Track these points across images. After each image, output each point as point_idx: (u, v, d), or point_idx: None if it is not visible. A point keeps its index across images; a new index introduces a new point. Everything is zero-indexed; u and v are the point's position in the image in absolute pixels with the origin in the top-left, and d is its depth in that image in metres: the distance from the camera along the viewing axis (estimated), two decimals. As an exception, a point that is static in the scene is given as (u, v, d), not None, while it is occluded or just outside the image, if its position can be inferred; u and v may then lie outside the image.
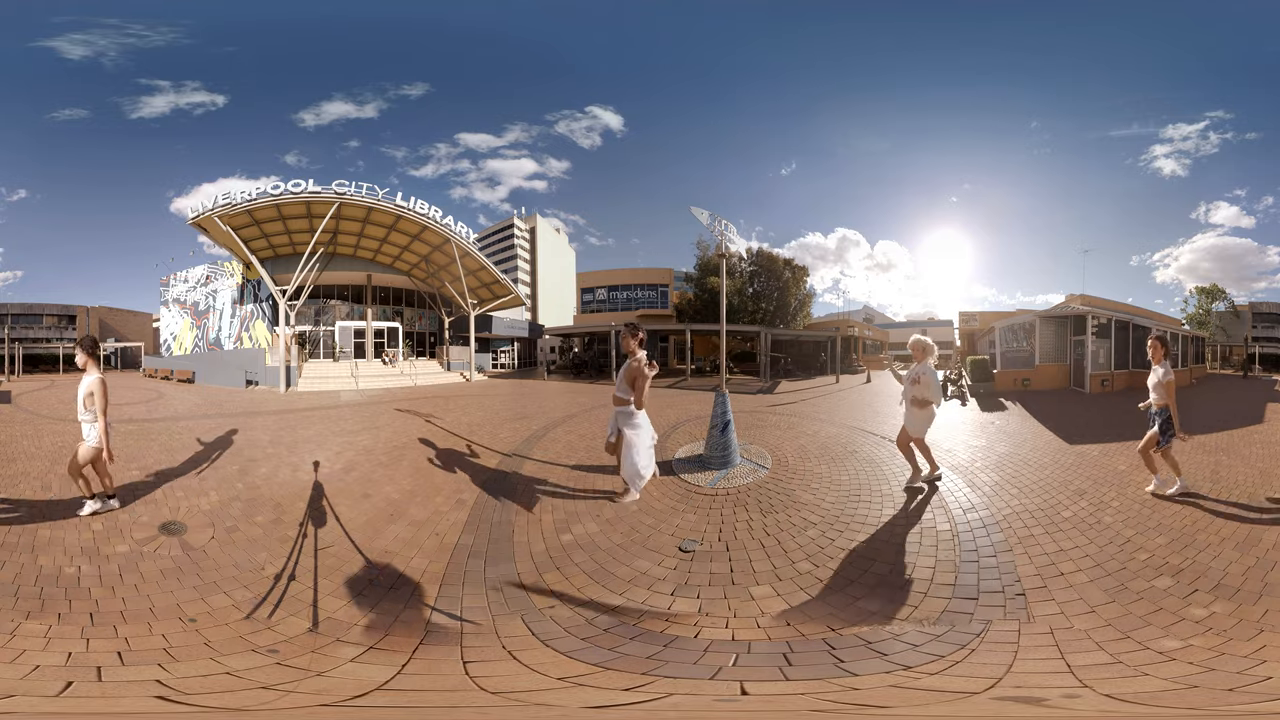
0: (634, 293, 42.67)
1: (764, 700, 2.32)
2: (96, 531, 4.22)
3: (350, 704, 2.26)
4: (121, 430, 9.04)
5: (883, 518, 4.53)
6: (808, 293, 39.34)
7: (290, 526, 4.51)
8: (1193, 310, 44.87)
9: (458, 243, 23.58)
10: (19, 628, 2.82)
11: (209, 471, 6.24)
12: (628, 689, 2.35)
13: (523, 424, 9.97)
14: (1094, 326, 17.32)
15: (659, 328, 33.04)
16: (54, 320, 43.57)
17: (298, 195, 20.26)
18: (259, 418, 11.11)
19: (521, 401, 14.47)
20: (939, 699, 2.28)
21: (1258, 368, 36.46)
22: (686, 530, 4.35)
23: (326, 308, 28.36)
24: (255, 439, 8.39)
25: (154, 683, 2.37)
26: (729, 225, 6.76)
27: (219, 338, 28.35)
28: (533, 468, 6.47)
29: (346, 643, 2.83)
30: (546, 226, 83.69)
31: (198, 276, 30.04)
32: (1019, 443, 7.90)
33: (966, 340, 29.11)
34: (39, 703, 2.21)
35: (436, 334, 32.06)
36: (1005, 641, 2.73)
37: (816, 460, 6.58)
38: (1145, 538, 3.99)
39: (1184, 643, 2.65)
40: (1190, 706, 2.17)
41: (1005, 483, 5.60)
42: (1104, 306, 25.87)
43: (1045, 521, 4.40)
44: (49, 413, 11.48)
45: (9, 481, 5.57)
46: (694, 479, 5.75)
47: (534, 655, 2.70)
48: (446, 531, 4.41)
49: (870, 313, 66.44)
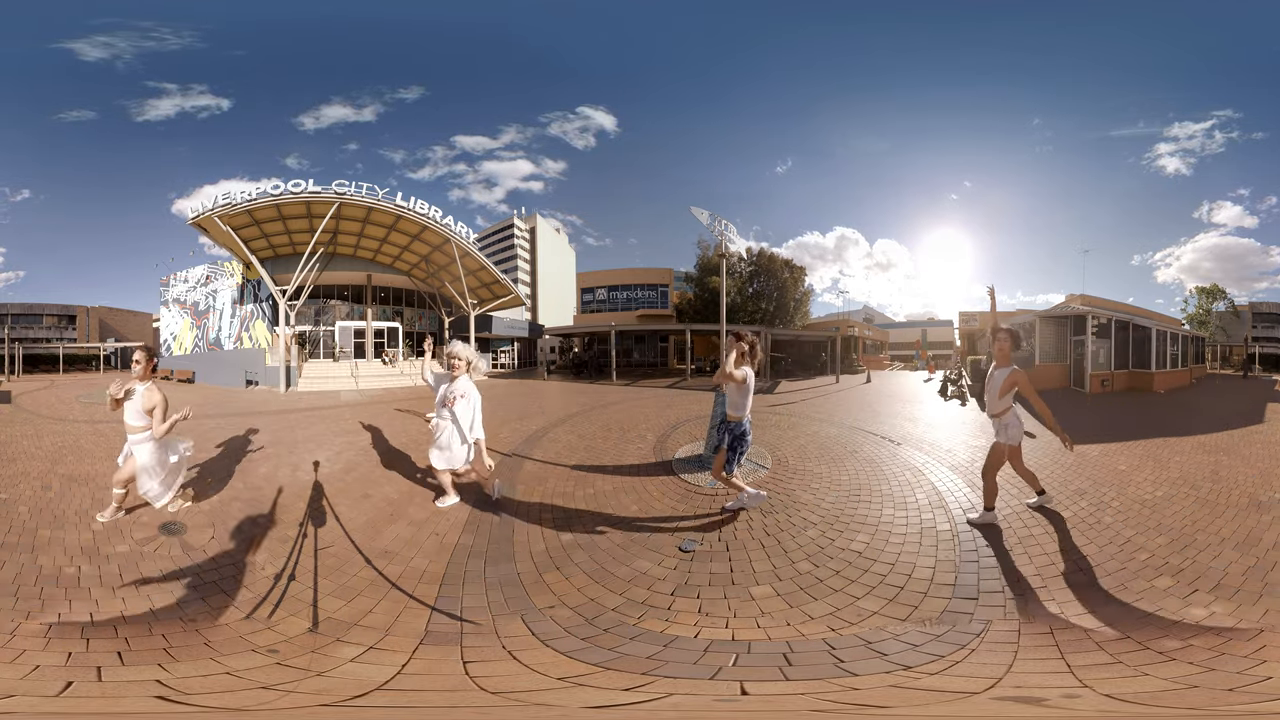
0: (634, 293, 42.67)
1: (764, 700, 2.32)
2: (96, 531, 4.22)
3: (350, 704, 2.26)
4: (122, 430, 9.03)
5: (882, 518, 4.53)
6: (806, 291, 39.40)
7: (290, 526, 4.51)
8: (1193, 310, 44.87)
9: (458, 242, 23.59)
10: (19, 628, 2.82)
11: (209, 472, 6.24)
12: (628, 689, 2.35)
13: (523, 424, 9.97)
14: (1094, 326, 17.32)
15: (659, 328, 33.07)
16: (54, 320, 43.58)
17: (298, 195, 20.27)
18: (259, 418, 11.11)
19: (521, 401, 14.47)
20: (939, 699, 2.28)
21: (1258, 368, 36.46)
22: (686, 530, 4.35)
23: (326, 308, 28.35)
24: (255, 439, 8.38)
25: (154, 683, 2.37)
26: (729, 225, 6.77)
27: (219, 338, 28.33)
28: (533, 468, 6.47)
29: (346, 643, 2.83)
30: (546, 226, 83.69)
31: (198, 276, 30.01)
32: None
33: (966, 340, 29.10)
34: (39, 703, 2.21)
35: (436, 334, 32.07)
36: (1005, 641, 2.73)
37: (816, 460, 6.58)
38: (1145, 538, 3.99)
39: (1184, 643, 2.65)
40: (1190, 706, 2.17)
41: (1005, 483, 5.60)
42: (1104, 306, 25.88)
43: (1045, 521, 4.40)
44: (49, 413, 11.47)
45: (9, 481, 5.56)
46: (694, 479, 5.75)
47: (534, 655, 2.70)
48: (446, 531, 4.40)
49: (870, 313, 66.44)
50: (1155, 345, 18.05)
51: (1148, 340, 18.06)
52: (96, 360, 37.24)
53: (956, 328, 35.00)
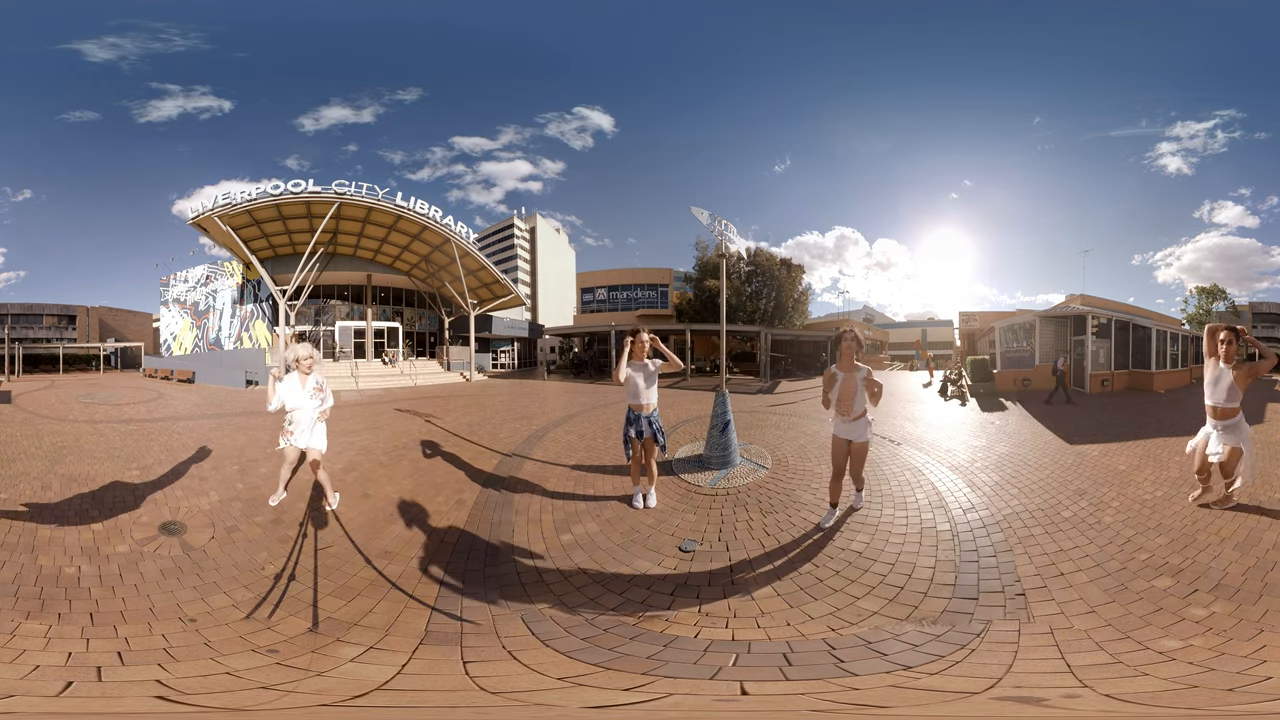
0: (634, 293, 42.70)
1: (764, 700, 2.32)
2: (96, 531, 4.22)
3: (350, 704, 2.26)
4: (121, 430, 9.05)
5: (882, 517, 4.53)
6: (804, 290, 39.38)
7: (290, 526, 4.51)
8: (1193, 310, 44.83)
9: (457, 243, 23.59)
10: (19, 628, 2.82)
11: (209, 472, 6.24)
12: (628, 689, 2.35)
13: (523, 424, 9.97)
14: (1094, 326, 17.32)
15: (659, 328, 33.07)
16: (54, 320, 43.58)
17: (298, 195, 20.28)
18: (259, 417, 11.10)
19: (521, 401, 14.47)
20: (939, 699, 2.28)
21: (1258, 368, 36.38)
22: (686, 530, 4.35)
23: (326, 308, 28.36)
24: (256, 439, 8.38)
25: (154, 683, 2.37)
26: (729, 225, 6.76)
27: (219, 338, 28.35)
28: (533, 468, 6.47)
29: (346, 643, 2.83)
30: (546, 226, 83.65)
31: (198, 276, 30.03)
32: (1019, 443, 7.90)
33: (966, 340, 29.10)
34: (39, 703, 2.21)
35: (436, 334, 32.07)
36: (1005, 641, 2.73)
37: (816, 460, 6.58)
38: (1145, 538, 3.99)
39: (1184, 643, 2.65)
40: (1190, 706, 2.17)
41: (1005, 483, 5.60)
42: (1104, 306, 25.87)
43: (1045, 521, 4.40)
44: (49, 413, 11.47)
45: (9, 481, 5.57)
46: (694, 479, 5.75)
47: (534, 655, 2.70)
48: (447, 531, 4.40)
49: (870, 312, 66.36)
50: (1155, 345, 18.06)
51: (1148, 340, 18.06)
52: (96, 360, 37.23)
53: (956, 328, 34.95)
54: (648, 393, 4.92)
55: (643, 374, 4.91)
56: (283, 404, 4.81)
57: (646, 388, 4.91)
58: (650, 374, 4.93)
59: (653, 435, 4.93)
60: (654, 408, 4.98)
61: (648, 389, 4.92)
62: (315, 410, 4.91)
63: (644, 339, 4.91)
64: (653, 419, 4.95)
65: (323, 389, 4.99)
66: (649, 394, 4.92)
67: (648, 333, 4.96)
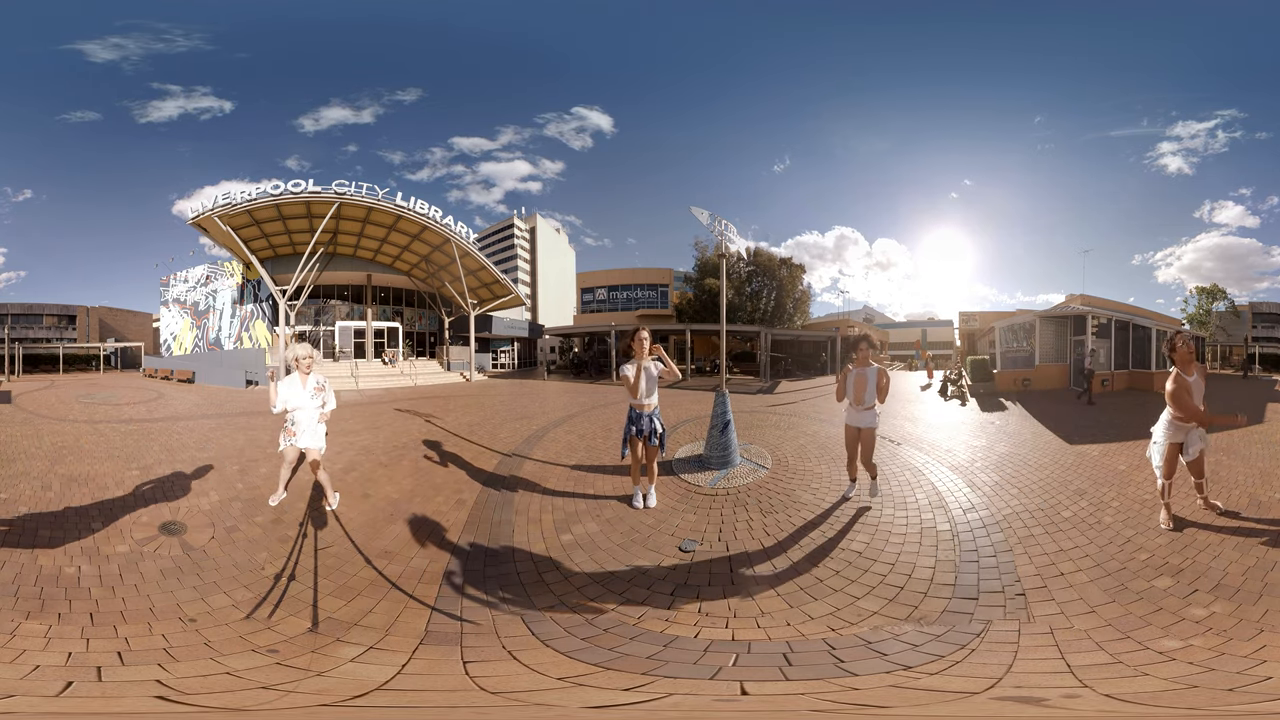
0: (634, 293, 42.70)
1: (764, 700, 2.32)
2: (96, 531, 4.22)
3: (350, 704, 2.26)
4: (122, 430, 9.05)
5: (882, 518, 4.53)
6: (805, 290, 39.38)
7: (290, 526, 4.51)
8: (1193, 310, 44.82)
9: (457, 243, 23.58)
10: (19, 628, 2.82)
11: (209, 471, 6.24)
12: (628, 689, 2.35)
13: (523, 424, 9.97)
14: (1094, 326, 17.32)
15: (659, 328, 33.04)
16: (54, 320, 43.53)
17: (298, 195, 20.27)
18: (259, 417, 11.10)
19: (521, 401, 14.47)
20: (939, 699, 2.28)
21: (1257, 368, 36.42)
22: (686, 530, 4.35)
23: (326, 308, 28.35)
24: (256, 439, 8.39)
25: (154, 683, 2.37)
26: (729, 225, 6.75)
27: (219, 338, 28.34)
28: (533, 468, 6.47)
29: (346, 643, 2.83)
30: (546, 226, 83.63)
31: (198, 276, 30.02)
32: (1019, 443, 7.90)
33: (966, 340, 29.09)
34: (39, 703, 2.21)
35: (436, 334, 32.06)
36: (1005, 641, 2.73)
37: (816, 460, 6.58)
38: (1145, 538, 3.99)
39: (1184, 643, 2.65)
40: (1190, 706, 2.17)
41: (1005, 483, 5.60)
42: (1104, 306, 25.85)
43: (1045, 521, 4.40)
44: (49, 413, 11.47)
45: (9, 481, 5.56)
46: (694, 479, 5.75)
47: (534, 655, 2.70)
48: (447, 531, 4.40)
49: (870, 312, 66.37)
50: (1155, 345, 18.05)
51: (1148, 340, 18.06)
52: (96, 360, 37.22)
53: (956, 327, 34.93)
54: (650, 392, 4.97)
55: (645, 374, 4.94)
56: (285, 404, 4.81)
57: (649, 387, 4.94)
58: (652, 376, 4.97)
59: (654, 434, 4.94)
60: (655, 406, 5.01)
61: (650, 389, 4.95)
62: (316, 410, 4.90)
63: (643, 336, 4.94)
64: (654, 417, 4.97)
65: (324, 389, 5.01)
66: (651, 394, 4.97)
67: (647, 332, 5.00)
